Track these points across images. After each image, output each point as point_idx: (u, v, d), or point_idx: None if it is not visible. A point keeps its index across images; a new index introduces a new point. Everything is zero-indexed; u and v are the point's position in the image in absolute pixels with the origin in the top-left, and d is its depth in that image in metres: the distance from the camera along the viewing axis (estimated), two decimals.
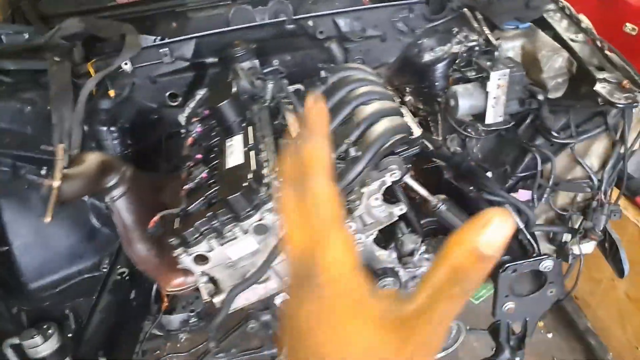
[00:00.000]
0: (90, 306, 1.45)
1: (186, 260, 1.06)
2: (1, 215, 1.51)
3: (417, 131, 1.19)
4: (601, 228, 1.48)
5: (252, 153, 1.12)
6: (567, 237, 1.57)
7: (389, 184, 1.13)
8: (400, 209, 1.17)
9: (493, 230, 0.30)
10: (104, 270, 1.56)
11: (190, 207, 1.10)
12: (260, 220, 1.04)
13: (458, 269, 0.31)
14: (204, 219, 1.03)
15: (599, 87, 1.29)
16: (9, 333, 1.46)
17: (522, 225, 1.48)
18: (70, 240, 1.60)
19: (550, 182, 1.47)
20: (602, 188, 1.43)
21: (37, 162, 1.52)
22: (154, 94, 1.68)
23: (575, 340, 2.11)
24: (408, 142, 1.19)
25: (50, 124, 1.52)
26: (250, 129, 1.23)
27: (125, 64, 1.57)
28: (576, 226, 1.52)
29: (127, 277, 1.49)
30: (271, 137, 1.25)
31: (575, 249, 1.54)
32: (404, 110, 1.28)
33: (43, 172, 1.43)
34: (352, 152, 1.08)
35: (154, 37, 1.70)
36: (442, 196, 1.25)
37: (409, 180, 1.19)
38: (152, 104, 1.69)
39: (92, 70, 1.57)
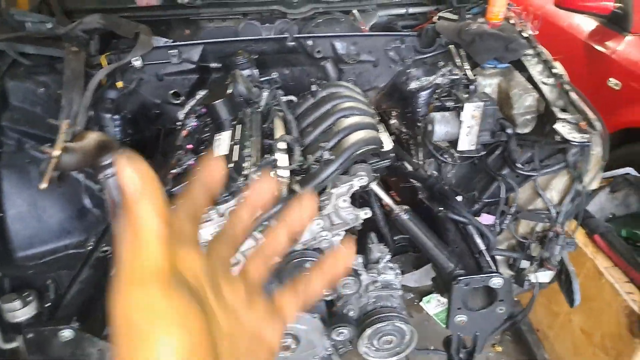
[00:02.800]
0: (70, 279, 1.54)
1: None
2: (1, 185, 1.62)
3: (388, 145, 1.31)
4: (557, 258, 1.58)
5: (236, 147, 1.24)
6: (526, 264, 1.67)
7: (356, 188, 1.24)
8: (365, 213, 1.28)
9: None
10: (89, 248, 1.66)
11: (174, 189, 1.21)
12: (235, 206, 1.15)
13: None
14: None
15: (558, 125, 1.42)
16: None
17: (483, 248, 1.59)
18: (62, 216, 1.70)
19: (512, 210, 1.58)
20: (559, 220, 1.54)
21: (41, 140, 1.63)
22: (158, 90, 1.81)
23: None
24: (379, 155, 1.31)
25: (59, 107, 1.65)
26: (239, 127, 1.35)
27: (136, 60, 1.72)
28: (534, 255, 1.62)
29: (109, 255, 1.59)
30: (258, 138, 1.38)
31: (532, 277, 1.65)
32: (380, 127, 1.40)
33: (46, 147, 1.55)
34: (326, 155, 1.20)
35: (165, 40, 1.84)
36: (406, 207, 1.36)
37: (375, 187, 1.31)
38: (155, 99, 1.83)
39: (104, 62, 1.71)
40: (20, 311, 1.54)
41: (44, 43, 1.81)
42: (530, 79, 1.63)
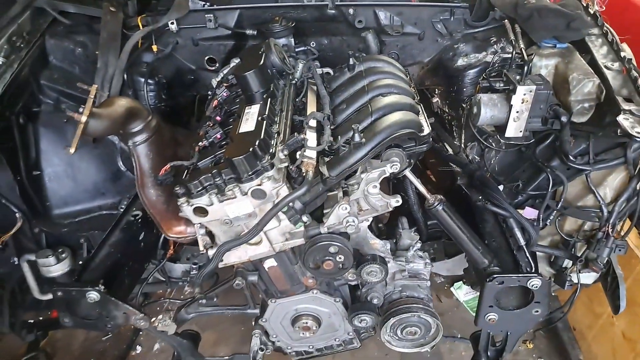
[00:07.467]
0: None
1: (187, 209, 1.14)
2: (39, 143, 1.65)
3: (427, 129, 1.22)
4: (604, 260, 1.46)
5: (264, 123, 1.18)
6: (568, 263, 1.56)
7: (388, 174, 1.16)
8: (396, 201, 1.21)
9: None
10: (122, 209, 1.69)
11: (199, 162, 1.18)
12: (259, 185, 1.10)
13: None
14: (208, 175, 1.11)
15: (621, 117, 1.27)
16: (27, 249, 1.61)
17: (523, 243, 1.48)
18: (96, 178, 1.74)
19: (559, 205, 1.46)
20: (611, 220, 1.41)
21: (78, 100, 1.65)
22: (194, 55, 1.77)
23: None
24: (416, 139, 1.22)
25: (96, 68, 1.65)
26: (269, 100, 1.28)
27: (172, 23, 1.67)
28: (579, 254, 1.51)
29: (139, 220, 1.60)
30: (289, 113, 1.31)
31: (574, 277, 1.53)
32: (420, 108, 1.30)
33: (80, 110, 1.55)
34: (357, 138, 1.12)
35: (202, 3, 1.78)
36: (440, 196, 1.28)
37: (408, 174, 1.22)
38: (191, 65, 1.79)
39: (140, 24, 1.67)
40: (54, 267, 1.59)
41: (83, 2, 1.79)
42: (592, 62, 1.46)
